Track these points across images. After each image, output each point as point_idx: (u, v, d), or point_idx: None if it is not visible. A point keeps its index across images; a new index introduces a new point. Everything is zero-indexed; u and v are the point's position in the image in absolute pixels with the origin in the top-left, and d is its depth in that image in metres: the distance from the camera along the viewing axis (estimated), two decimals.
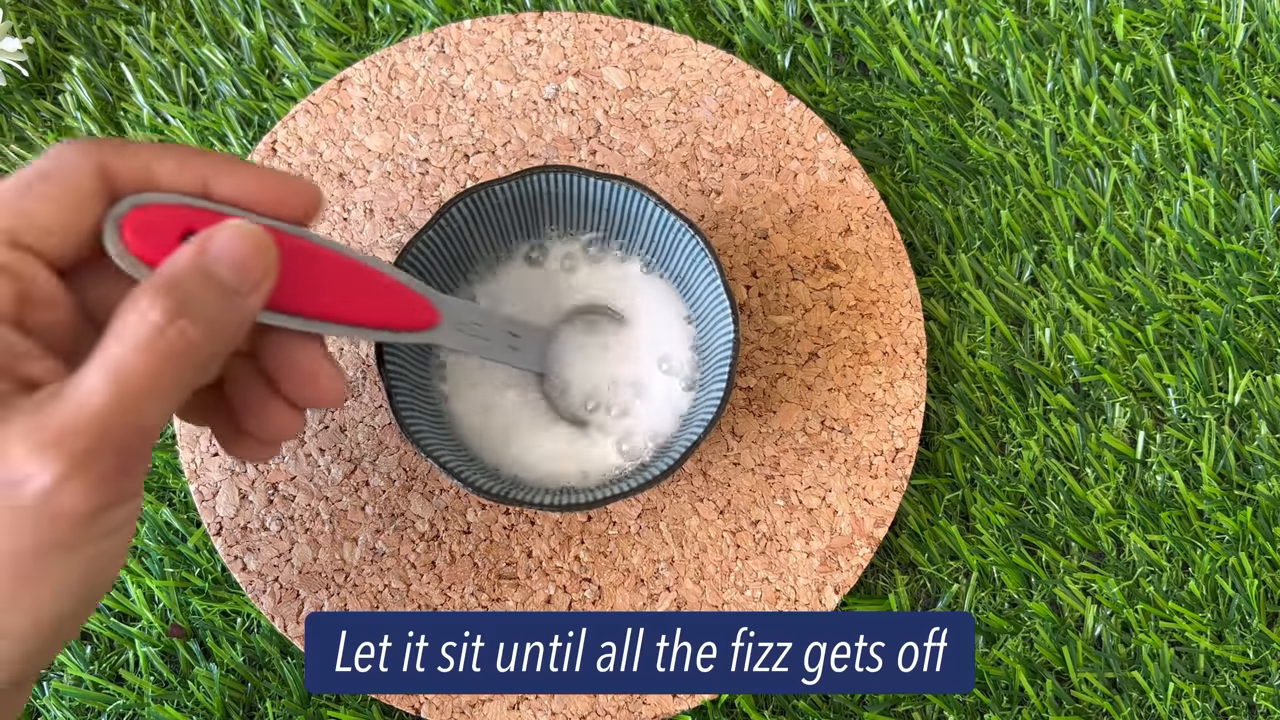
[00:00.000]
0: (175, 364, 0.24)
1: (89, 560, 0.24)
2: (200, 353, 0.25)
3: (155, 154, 0.27)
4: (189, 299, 0.25)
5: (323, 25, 0.46)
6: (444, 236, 0.38)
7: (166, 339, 0.24)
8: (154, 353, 0.24)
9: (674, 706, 0.39)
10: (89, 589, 0.25)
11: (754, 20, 0.46)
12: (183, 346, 0.24)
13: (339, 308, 0.30)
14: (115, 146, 0.26)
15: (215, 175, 0.27)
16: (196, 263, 0.26)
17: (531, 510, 0.40)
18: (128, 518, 0.25)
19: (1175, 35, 0.47)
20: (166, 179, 0.27)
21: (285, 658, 0.40)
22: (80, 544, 0.24)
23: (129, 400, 0.24)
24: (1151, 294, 0.44)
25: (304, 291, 0.29)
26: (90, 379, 0.23)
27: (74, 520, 0.23)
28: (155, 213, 0.26)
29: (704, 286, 0.38)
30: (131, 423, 0.24)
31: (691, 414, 0.39)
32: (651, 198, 0.37)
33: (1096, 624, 0.41)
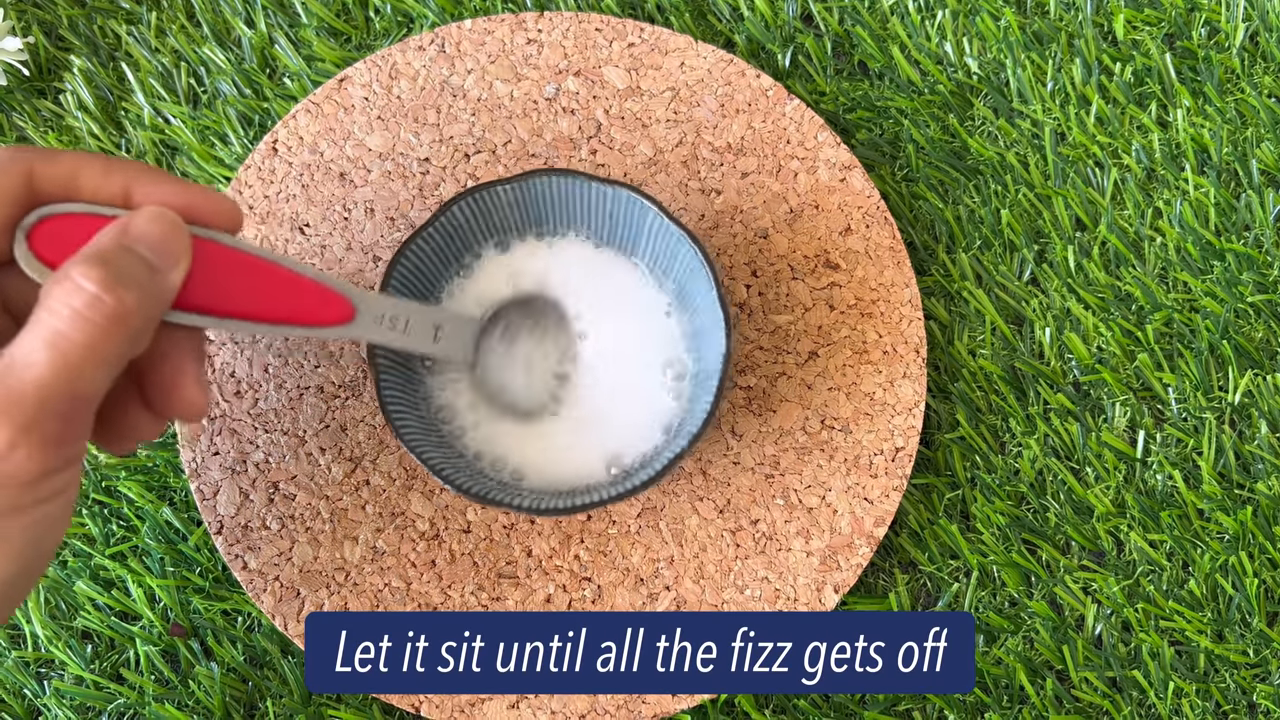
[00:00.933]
0: (113, 332, 0.25)
1: (34, 524, 0.25)
2: (135, 320, 0.26)
3: (80, 162, 0.28)
4: (120, 270, 0.26)
5: (323, 25, 0.46)
6: (444, 235, 0.38)
7: (104, 307, 0.25)
8: (91, 322, 0.25)
9: (674, 706, 0.39)
10: (36, 553, 0.26)
11: (754, 20, 0.46)
12: (120, 314, 0.25)
13: (249, 305, 0.31)
14: (43, 154, 0.28)
15: (137, 184, 0.29)
16: (120, 240, 0.27)
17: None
18: (70, 481, 0.26)
19: (1175, 35, 0.47)
20: (90, 187, 0.28)
21: (286, 657, 0.40)
22: (26, 508, 0.25)
23: (70, 369, 0.25)
24: (1151, 293, 0.44)
25: (212, 290, 0.30)
26: (30, 349, 0.25)
27: (20, 485, 0.24)
28: (64, 222, 0.28)
29: (701, 297, 0.38)
30: (73, 390, 0.25)
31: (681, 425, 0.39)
32: (652, 206, 0.37)
33: (1097, 623, 0.41)
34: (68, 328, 0.25)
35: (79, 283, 0.25)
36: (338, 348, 0.42)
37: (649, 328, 0.40)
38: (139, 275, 0.27)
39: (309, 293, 0.33)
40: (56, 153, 0.28)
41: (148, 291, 0.27)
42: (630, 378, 0.40)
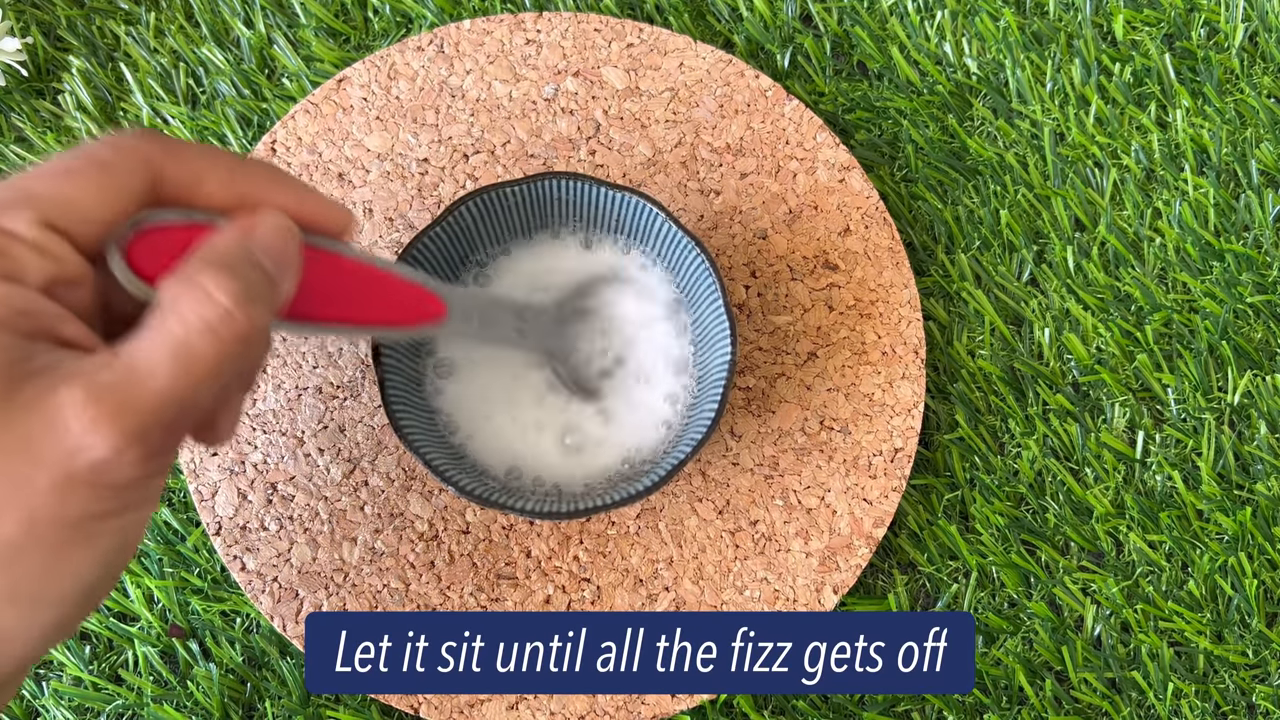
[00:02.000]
0: (238, 350, 0.24)
1: (122, 528, 0.25)
2: (257, 338, 0.25)
3: (207, 165, 0.27)
4: (250, 284, 0.25)
5: (322, 25, 0.46)
6: (451, 234, 0.38)
7: (235, 324, 0.24)
8: (221, 339, 0.24)
9: (673, 706, 0.39)
10: (119, 557, 0.26)
11: (753, 20, 0.46)
12: (248, 332, 0.25)
13: (345, 309, 0.30)
14: (170, 150, 0.26)
15: (259, 191, 0.27)
16: (248, 251, 0.26)
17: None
18: (159, 487, 0.26)
19: (1175, 35, 0.47)
20: (208, 192, 0.27)
21: (284, 657, 0.40)
22: (120, 512, 0.24)
23: (191, 382, 0.24)
24: (1151, 294, 0.44)
25: (311, 296, 0.29)
26: (153, 355, 0.24)
27: (118, 490, 0.24)
28: (162, 234, 0.26)
29: (706, 304, 0.38)
30: (189, 404, 0.24)
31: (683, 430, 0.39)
32: (661, 212, 0.37)
33: (1096, 624, 0.41)
34: (197, 341, 0.24)
35: (212, 294, 0.24)
36: (336, 349, 0.42)
37: (651, 332, 0.40)
38: (265, 290, 0.25)
39: (402, 293, 0.32)
40: (183, 148, 0.26)
41: (270, 307, 0.26)
42: (633, 382, 0.40)
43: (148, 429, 0.23)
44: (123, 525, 0.25)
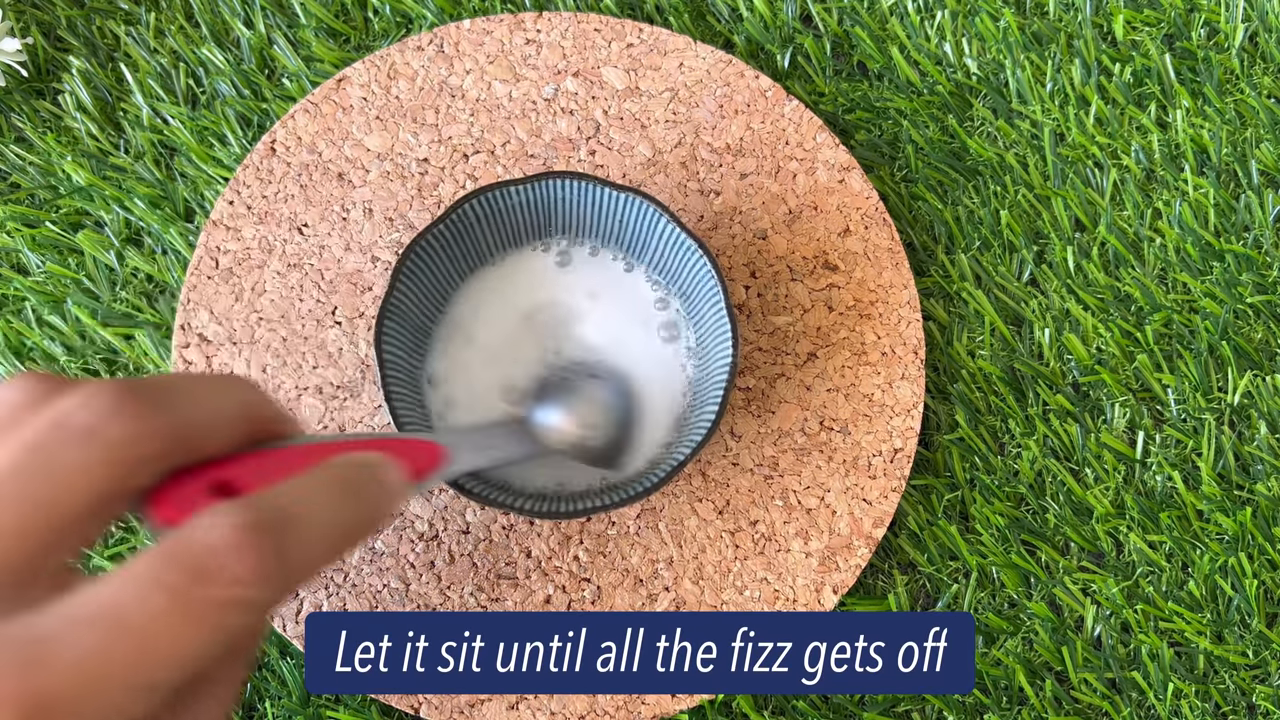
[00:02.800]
0: (209, 632, 0.19)
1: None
2: (258, 626, 0.22)
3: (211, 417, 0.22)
4: (273, 552, 0.21)
5: (322, 25, 0.46)
6: (452, 234, 0.38)
7: (212, 597, 0.19)
8: (183, 615, 0.19)
9: (673, 706, 0.39)
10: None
11: (753, 20, 0.46)
12: (234, 614, 0.20)
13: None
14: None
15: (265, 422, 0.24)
16: (280, 507, 0.21)
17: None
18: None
19: (1175, 35, 0.47)
20: (217, 444, 0.23)
21: (284, 658, 0.40)
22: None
23: (121, 666, 0.18)
24: (1151, 294, 0.44)
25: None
26: (77, 617, 0.19)
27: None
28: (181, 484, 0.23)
29: (708, 307, 0.38)
30: (117, 694, 0.19)
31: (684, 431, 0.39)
32: (663, 213, 0.37)
33: (1096, 624, 0.41)
34: (137, 609, 0.19)
35: (194, 548, 0.20)
36: (335, 347, 0.42)
37: (652, 333, 0.40)
38: (282, 566, 0.21)
39: (398, 450, 0.30)
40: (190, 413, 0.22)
41: (283, 589, 0.21)
42: (633, 382, 0.40)
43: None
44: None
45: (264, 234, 0.42)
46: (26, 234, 0.44)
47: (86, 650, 0.17)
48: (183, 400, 0.21)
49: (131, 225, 0.44)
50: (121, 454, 0.20)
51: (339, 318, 0.42)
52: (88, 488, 0.19)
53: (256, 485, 0.23)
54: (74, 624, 0.18)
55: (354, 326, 0.42)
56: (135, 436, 0.20)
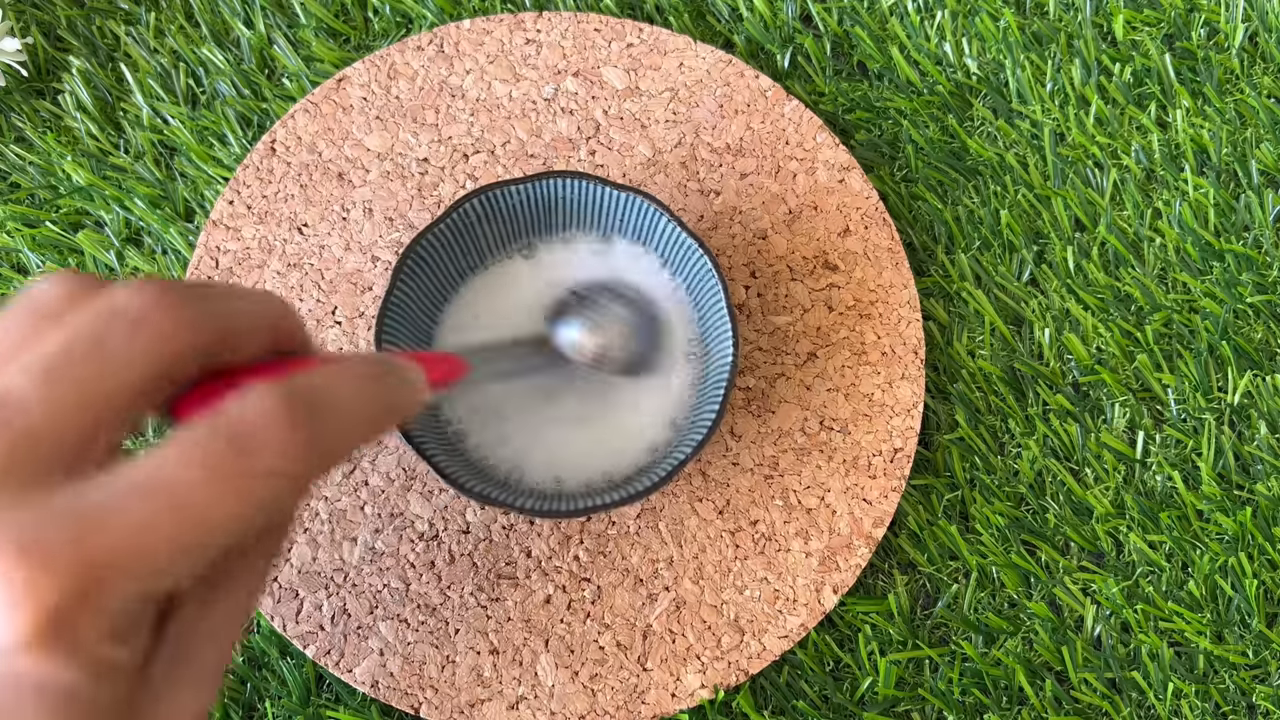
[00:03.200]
0: (258, 498, 0.21)
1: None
2: (297, 490, 0.22)
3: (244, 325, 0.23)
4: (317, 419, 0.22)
5: (322, 25, 0.46)
6: (452, 233, 0.38)
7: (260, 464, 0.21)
8: (229, 479, 0.20)
9: (672, 706, 0.39)
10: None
11: (753, 20, 0.46)
12: (278, 480, 0.21)
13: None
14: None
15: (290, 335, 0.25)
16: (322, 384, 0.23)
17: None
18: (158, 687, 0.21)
19: (1175, 35, 0.47)
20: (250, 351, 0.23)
21: (285, 658, 0.40)
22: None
23: (172, 532, 0.19)
24: (1151, 294, 0.43)
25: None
26: (123, 488, 0.20)
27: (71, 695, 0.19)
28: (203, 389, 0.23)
29: (709, 305, 0.38)
30: (166, 561, 0.20)
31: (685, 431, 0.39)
32: (664, 213, 0.37)
33: (1096, 624, 0.41)
34: (189, 474, 0.20)
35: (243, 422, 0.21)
36: (335, 347, 0.42)
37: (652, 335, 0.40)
38: (325, 433, 0.22)
39: (420, 360, 0.30)
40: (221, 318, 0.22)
41: (324, 459, 0.22)
42: (633, 383, 0.40)
43: (102, 589, 0.18)
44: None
45: (264, 234, 0.42)
46: (26, 234, 0.44)
47: (135, 518, 0.18)
48: (221, 303, 0.22)
49: (131, 225, 0.44)
50: (168, 343, 0.21)
51: (339, 318, 0.42)
52: (138, 371, 0.20)
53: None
54: (123, 494, 0.19)
55: (354, 326, 0.42)
56: (180, 327, 0.21)
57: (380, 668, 0.39)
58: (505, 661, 0.39)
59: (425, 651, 0.39)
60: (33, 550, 0.18)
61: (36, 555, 0.18)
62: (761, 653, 0.39)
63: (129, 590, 0.19)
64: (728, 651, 0.39)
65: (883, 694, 0.40)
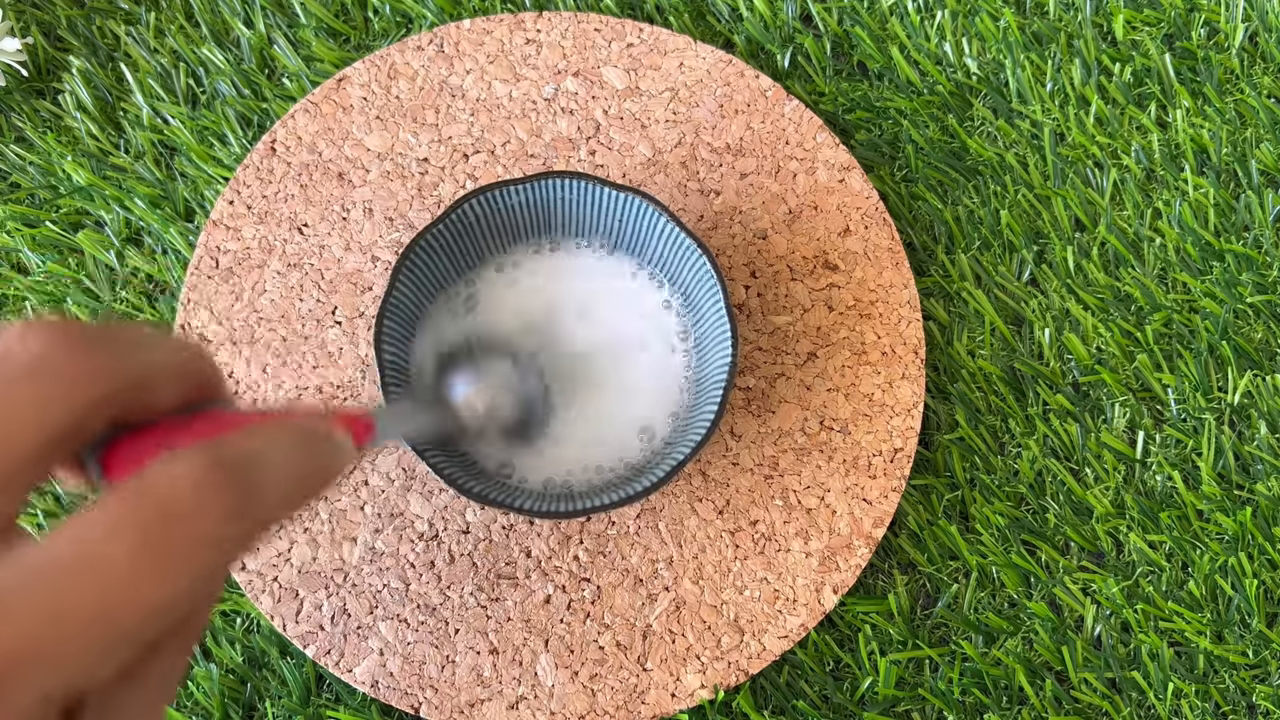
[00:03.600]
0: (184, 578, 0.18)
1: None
2: (219, 576, 0.20)
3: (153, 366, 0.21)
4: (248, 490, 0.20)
5: (322, 25, 0.46)
6: (452, 233, 0.38)
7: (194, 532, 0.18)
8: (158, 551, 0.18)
9: (672, 706, 0.39)
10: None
11: (753, 20, 0.46)
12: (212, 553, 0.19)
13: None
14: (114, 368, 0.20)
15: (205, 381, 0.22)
16: (255, 451, 0.20)
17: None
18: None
19: (1175, 35, 0.47)
20: (165, 400, 0.21)
21: (285, 658, 0.40)
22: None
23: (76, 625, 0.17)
24: (1151, 294, 0.43)
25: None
26: (34, 567, 0.17)
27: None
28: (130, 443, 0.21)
29: (707, 305, 0.38)
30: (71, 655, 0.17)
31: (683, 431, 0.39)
32: (664, 213, 0.37)
33: (1096, 624, 0.41)
34: (111, 551, 0.18)
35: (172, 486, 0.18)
36: (335, 347, 0.42)
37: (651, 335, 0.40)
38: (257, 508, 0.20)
39: (338, 419, 0.30)
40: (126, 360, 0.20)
41: (252, 531, 0.20)
42: (632, 383, 0.40)
43: (4, 692, 0.15)
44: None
45: (264, 234, 0.42)
46: (26, 234, 0.44)
47: (48, 601, 0.16)
48: (129, 348, 0.20)
49: (131, 225, 0.44)
50: (70, 392, 0.18)
51: (339, 318, 0.42)
52: (37, 426, 0.18)
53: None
54: (34, 573, 0.16)
55: (354, 326, 0.42)
56: (86, 375, 0.18)
57: (380, 667, 0.39)
58: (505, 661, 0.39)
59: (425, 651, 0.39)
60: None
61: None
62: (761, 653, 0.39)
63: (38, 691, 0.16)
64: (728, 651, 0.39)
65: (883, 694, 0.40)
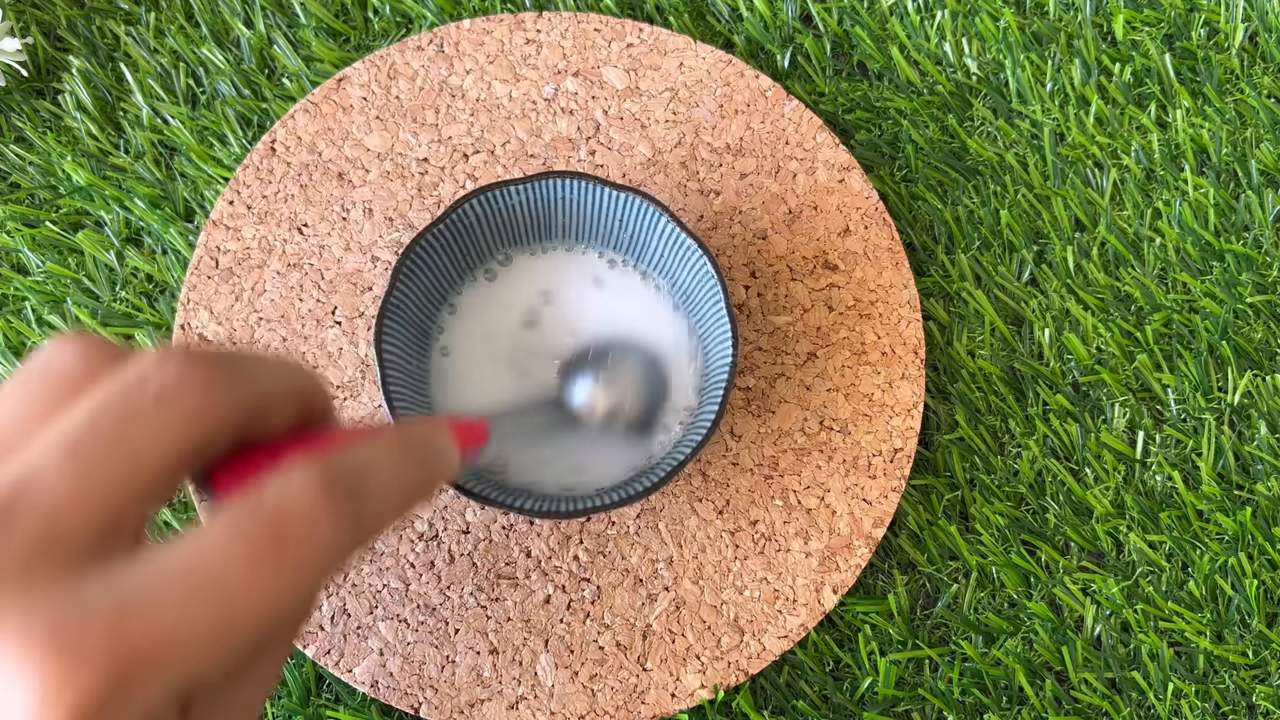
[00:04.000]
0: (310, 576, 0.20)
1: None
2: (334, 572, 0.21)
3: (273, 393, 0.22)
4: (365, 497, 0.22)
5: (322, 25, 0.46)
6: (452, 233, 0.38)
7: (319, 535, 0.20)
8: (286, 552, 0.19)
9: (672, 706, 0.39)
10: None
11: (753, 20, 0.46)
12: (334, 553, 0.21)
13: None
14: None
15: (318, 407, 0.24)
16: (366, 460, 0.22)
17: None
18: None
19: (1175, 35, 0.47)
20: (278, 423, 0.22)
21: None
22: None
23: (217, 625, 0.19)
24: (1151, 294, 0.43)
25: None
26: (165, 572, 0.19)
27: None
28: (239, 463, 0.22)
29: (708, 305, 0.38)
30: (201, 657, 0.19)
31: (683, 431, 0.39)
32: (664, 213, 0.37)
33: (1096, 624, 0.41)
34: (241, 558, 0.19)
35: (298, 490, 0.20)
36: (335, 347, 0.42)
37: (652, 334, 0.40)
38: (369, 511, 0.22)
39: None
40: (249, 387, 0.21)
41: (365, 535, 0.22)
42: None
43: (137, 684, 0.17)
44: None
45: (264, 234, 0.42)
46: (26, 234, 0.44)
47: (175, 607, 0.17)
48: (250, 373, 0.21)
49: (131, 225, 0.44)
50: (201, 418, 0.20)
51: (339, 318, 0.42)
52: (169, 449, 0.19)
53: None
54: (159, 583, 0.18)
55: (354, 326, 0.42)
56: (213, 401, 0.20)
57: (380, 668, 0.39)
58: (505, 661, 0.39)
59: (425, 651, 0.39)
60: (66, 643, 0.16)
61: (70, 648, 0.16)
62: (761, 653, 0.39)
63: (165, 685, 0.17)
64: (727, 651, 0.39)
65: (883, 694, 0.40)
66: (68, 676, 0.16)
